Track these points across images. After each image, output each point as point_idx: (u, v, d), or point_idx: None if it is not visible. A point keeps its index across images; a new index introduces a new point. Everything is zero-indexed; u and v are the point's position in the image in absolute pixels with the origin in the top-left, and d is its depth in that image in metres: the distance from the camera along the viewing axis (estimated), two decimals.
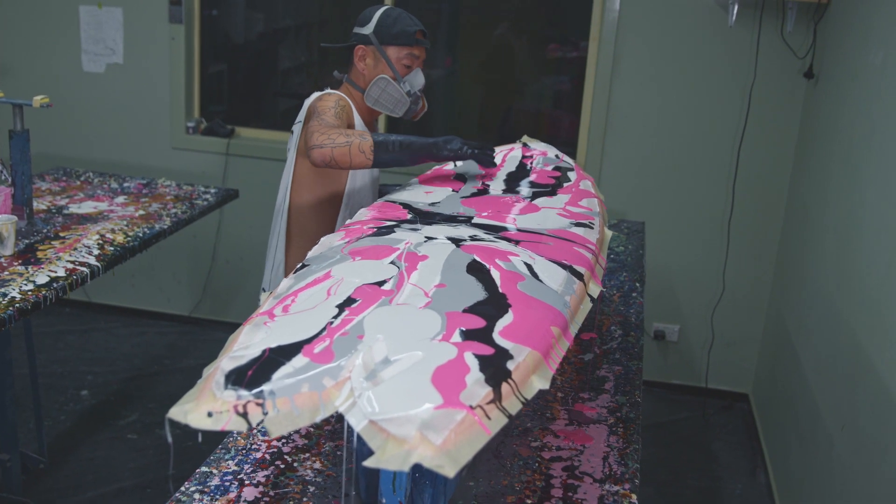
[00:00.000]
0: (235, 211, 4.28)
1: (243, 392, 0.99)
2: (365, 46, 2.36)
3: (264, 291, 2.46)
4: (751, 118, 3.81)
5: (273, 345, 1.08)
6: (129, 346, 4.31)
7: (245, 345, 1.10)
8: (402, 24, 2.33)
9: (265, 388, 1.00)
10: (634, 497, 1.53)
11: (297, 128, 2.39)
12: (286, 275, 2.41)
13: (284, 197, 2.41)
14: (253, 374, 1.02)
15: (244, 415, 0.97)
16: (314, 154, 2.03)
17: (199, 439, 1.04)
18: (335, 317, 1.16)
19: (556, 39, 4.18)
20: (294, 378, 1.02)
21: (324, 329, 1.12)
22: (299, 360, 1.05)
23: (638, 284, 2.69)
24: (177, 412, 0.98)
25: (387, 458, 0.92)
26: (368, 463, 0.93)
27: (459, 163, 2.24)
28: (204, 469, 1.54)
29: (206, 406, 0.98)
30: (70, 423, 3.55)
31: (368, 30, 2.34)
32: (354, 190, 2.41)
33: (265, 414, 0.98)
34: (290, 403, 0.99)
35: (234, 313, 4.55)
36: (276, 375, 1.02)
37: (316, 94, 2.34)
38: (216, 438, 1.99)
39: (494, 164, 2.10)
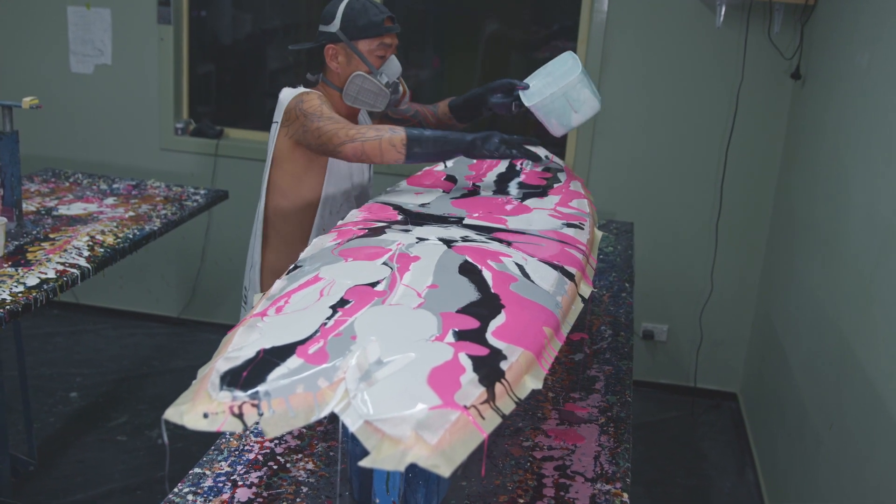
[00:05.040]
0: (224, 212, 4.27)
1: (239, 393, 1.00)
2: (335, 45, 2.27)
3: (246, 291, 2.44)
4: (738, 119, 3.83)
5: (267, 346, 1.09)
6: (118, 348, 4.29)
7: (239, 346, 1.10)
8: (368, 15, 2.24)
9: (260, 388, 1.01)
10: (626, 496, 1.54)
11: (273, 128, 2.28)
12: (262, 278, 2.39)
13: (262, 199, 2.35)
14: (248, 375, 1.03)
15: (240, 416, 0.98)
16: (346, 149, 2.02)
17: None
18: (329, 318, 1.17)
19: (544, 40, 4.19)
20: (289, 379, 1.02)
21: (317, 330, 1.13)
22: (294, 361, 1.06)
23: (627, 285, 2.70)
24: (172, 413, 0.98)
25: (382, 459, 0.93)
26: (364, 463, 0.93)
27: (450, 163, 2.25)
28: (197, 470, 1.54)
29: (202, 407, 0.99)
30: (59, 425, 3.54)
31: (335, 27, 2.25)
32: (329, 196, 2.34)
33: (261, 415, 0.98)
34: (285, 404, 1.00)
35: (223, 314, 4.54)
36: (271, 376, 1.02)
37: (292, 92, 2.24)
38: (205, 440, 1.99)
39: (540, 159, 2.03)
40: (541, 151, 2.34)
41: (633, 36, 3.88)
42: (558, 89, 2.16)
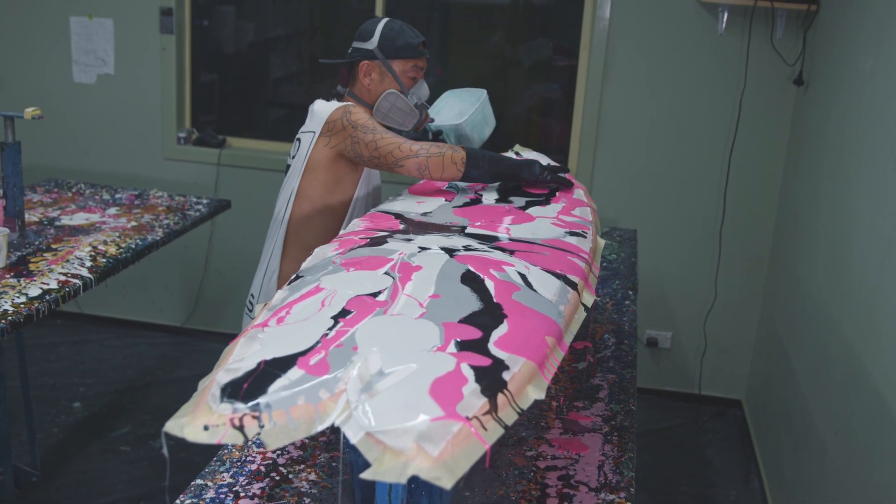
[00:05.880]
0: (227, 221, 4.27)
1: (239, 405, 0.99)
2: (370, 62, 2.32)
3: (252, 298, 2.43)
4: (741, 125, 3.82)
5: (268, 357, 1.08)
6: (122, 358, 4.29)
7: (240, 357, 1.10)
8: (405, 36, 2.31)
9: (261, 400, 1.00)
10: None
11: (305, 137, 2.28)
12: (279, 286, 2.38)
13: (285, 206, 2.33)
14: (249, 387, 1.02)
15: (240, 428, 0.97)
16: (409, 163, 2.08)
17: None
18: (330, 328, 1.16)
19: (547, 48, 4.19)
20: (290, 390, 1.02)
21: (319, 341, 1.12)
22: (295, 373, 1.05)
23: (631, 292, 2.69)
24: (173, 426, 0.98)
25: (384, 471, 0.92)
26: (366, 475, 0.93)
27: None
28: (199, 482, 1.53)
29: (203, 419, 0.98)
30: (62, 435, 3.53)
31: (372, 44, 2.31)
32: (359, 199, 2.36)
33: (261, 427, 0.98)
34: (286, 416, 0.99)
35: (226, 324, 4.54)
36: (272, 388, 1.02)
37: (328, 104, 2.26)
38: (208, 450, 1.99)
39: (571, 185, 2.13)
40: (543, 159, 2.34)
41: (635, 43, 3.88)
42: (478, 105, 2.48)
